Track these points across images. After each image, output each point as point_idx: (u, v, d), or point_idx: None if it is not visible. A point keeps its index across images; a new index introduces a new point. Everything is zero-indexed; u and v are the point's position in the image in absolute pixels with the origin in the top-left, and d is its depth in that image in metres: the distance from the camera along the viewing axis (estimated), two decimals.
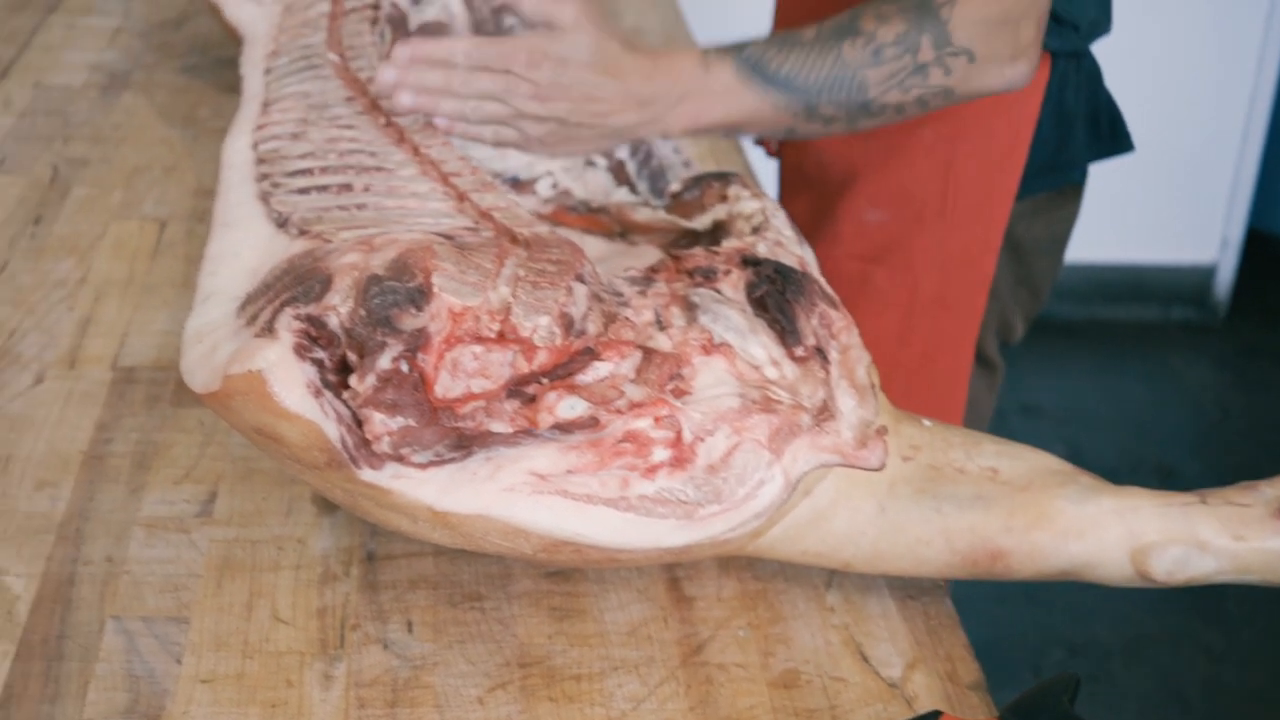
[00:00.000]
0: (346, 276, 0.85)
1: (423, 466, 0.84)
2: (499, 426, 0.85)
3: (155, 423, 1.10)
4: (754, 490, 0.88)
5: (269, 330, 0.83)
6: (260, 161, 1.12)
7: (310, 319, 0.83)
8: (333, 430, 0.83)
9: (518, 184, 1.32)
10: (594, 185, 1.33)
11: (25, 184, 1.43)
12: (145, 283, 1.28)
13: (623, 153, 1.38)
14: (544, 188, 1.31)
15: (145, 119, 1.57)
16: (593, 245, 1.22)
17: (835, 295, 1.00)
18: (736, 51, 1.16)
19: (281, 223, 1.01)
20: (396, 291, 0.82)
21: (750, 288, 0.97)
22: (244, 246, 1.00)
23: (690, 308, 0.96)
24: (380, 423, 0.82)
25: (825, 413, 0.91)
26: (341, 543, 1.00)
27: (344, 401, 0.83)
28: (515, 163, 1.36)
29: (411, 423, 0.83)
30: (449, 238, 0.96)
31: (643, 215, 1.24)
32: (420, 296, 0.82)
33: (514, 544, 0.88)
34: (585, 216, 1.28)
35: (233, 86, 1.60)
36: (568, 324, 0.85)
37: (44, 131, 1.53)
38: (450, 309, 0.83)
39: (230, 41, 1.59)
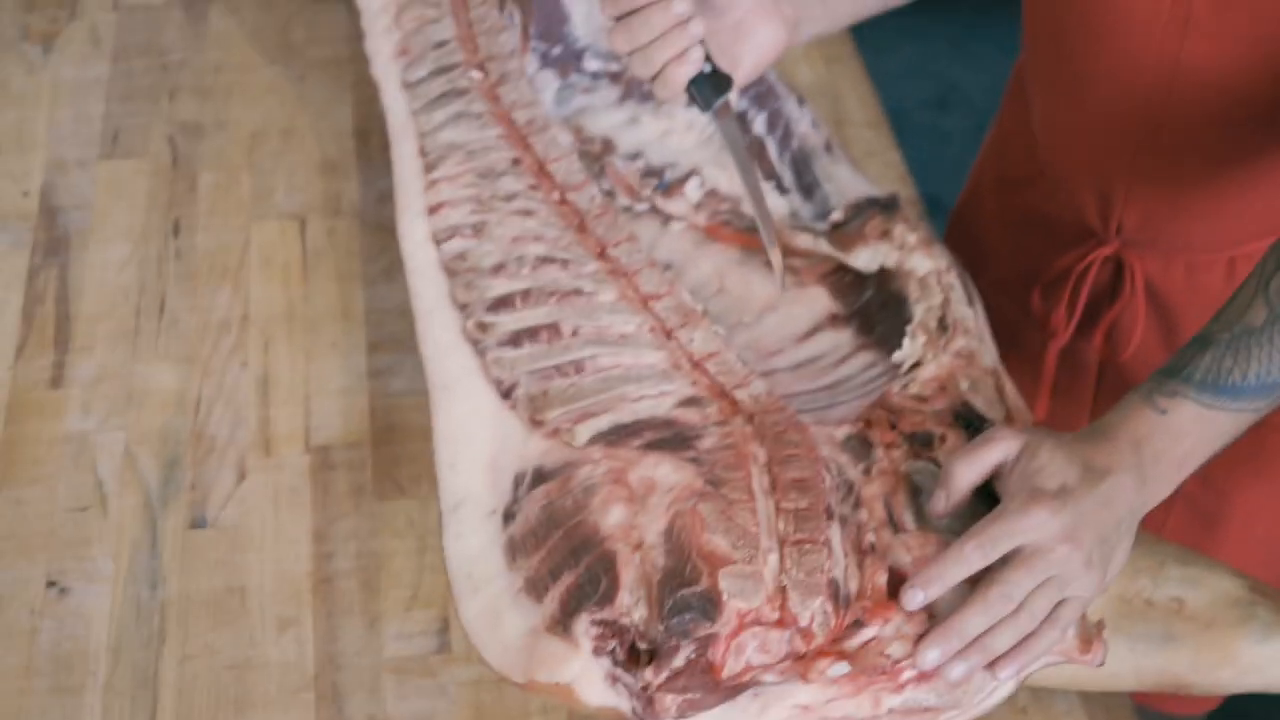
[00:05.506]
0: (629, 567, 0.90)
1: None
2: (771, 678, 0.92)
3: (367, 525, 1.15)
4: (990, 693, 0.96)
5: (563, 628, 0.89)
6: (449, 273, 1.12)
7: (606, 624, 0.88)
8: (626, 705, 0.89)
9: (667, 191, 1.32)
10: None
11: (149, 170, 1.41)
12: (306, 316, 1.29)
13: (760, 128, 1.37)
14: (693, 190, 1.32)
15: (242, 54, 1.53)
16: (760, 291, 1.25)
17: None
18: (1180, 379, 0.98)
19: (505, 393, 1.04)
20: (691, 606, 0.88)
21: None
22: (474, 427, 1.03)
23: (915, 492, 1.01)
24: (670, 700, 0.89)
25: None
26: None
27: (633, 674, 0.90)
28: (655, 156, 1.35)
29: (697, 695, 0.90)
30: (679, 432, 1.00)
31: (803, 242, 1.26)
32: (713, 608, 0.88)
33: None
34: (741, 234, 1.29)
35: None
36: (835, 594, 0.91)
37: (144, 84, 1.49)
38: (738, 612, 0.88)
39: None
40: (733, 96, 1.09)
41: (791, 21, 1.14)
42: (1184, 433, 0.97)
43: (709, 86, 1.07)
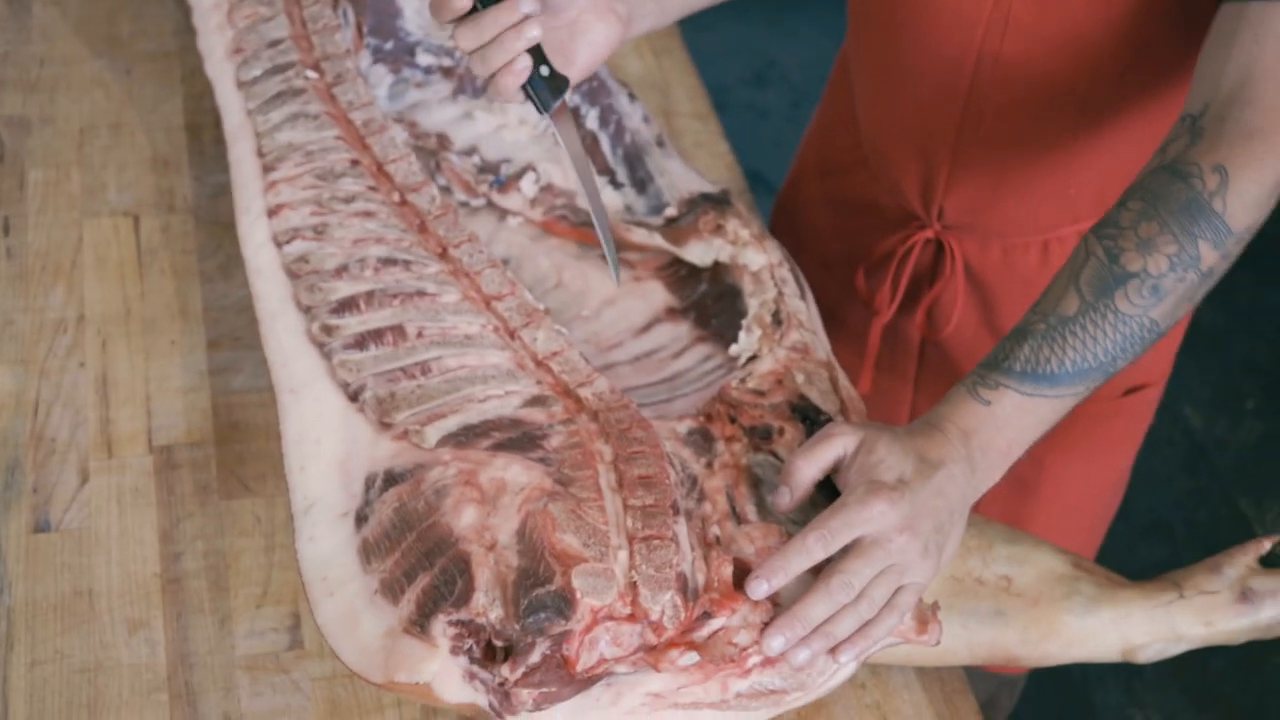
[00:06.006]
0: (484, 568, 0.93)
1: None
2: (623, 669, 0.95)
3: (214, 524, 1.16)
4: (832, 675, 1.01)
5: (420, 629, 0.91)
6: (292, 275, 1.13)
7: (462, 624, 0.91)
8: (484, 700, 0.92)
9: (503, 186, 1.34)
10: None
11: None
12: (143, 315, 1.29)
13: (593, 123, 1.40)
14: (529, 185, 1.34)
15: (67, 47, 1.51)
16: (598, 285, 1.28)
17: None
18: (1002, 370, 1.02)
19: (353, 395, 1.06)
20: (546, 605, 0.91)
21: None
22: (323, 430, 1.04)
23: (756, 484, 1.05)
24: (526, 694, 0.92)
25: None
26: None
27: (490, 671, 0.93)
28: (490, 152, 1.37)
29: (553, 689, 0.93)
30: (527, 432, 1.03)
31: (638, 237, 1.30)
32: (567, 606, 0.91)
33: None
34: (577, 229, 1.32)
35: None
36: (684, 587, 0.95)
37: None
38: (591, 608, 0.92)
39: None
40: (567, 95, 1.11)
41: (625, 19, 1.17)
42: (1007, 422, 1.02)
43: (546, 88, 1.09)
